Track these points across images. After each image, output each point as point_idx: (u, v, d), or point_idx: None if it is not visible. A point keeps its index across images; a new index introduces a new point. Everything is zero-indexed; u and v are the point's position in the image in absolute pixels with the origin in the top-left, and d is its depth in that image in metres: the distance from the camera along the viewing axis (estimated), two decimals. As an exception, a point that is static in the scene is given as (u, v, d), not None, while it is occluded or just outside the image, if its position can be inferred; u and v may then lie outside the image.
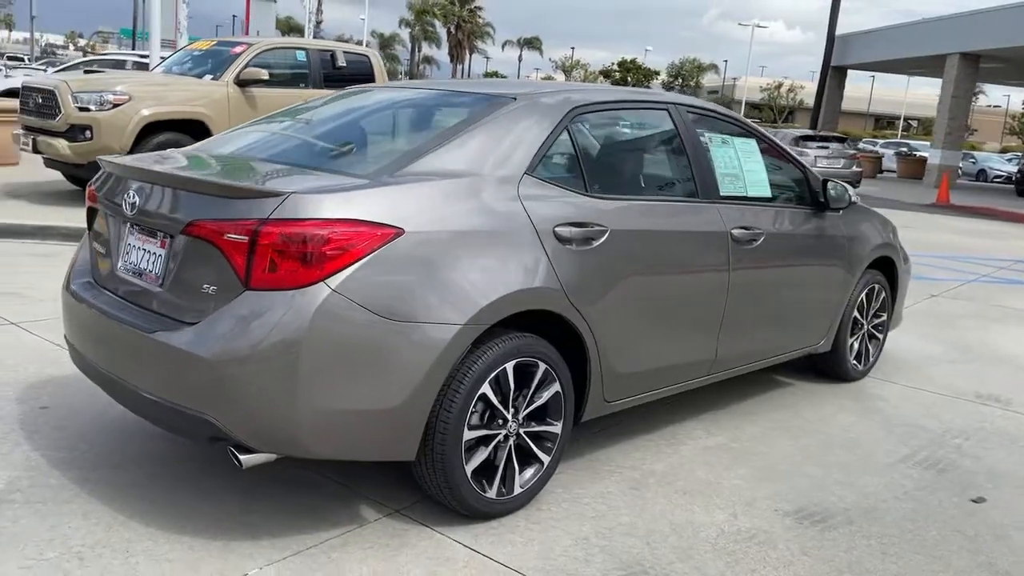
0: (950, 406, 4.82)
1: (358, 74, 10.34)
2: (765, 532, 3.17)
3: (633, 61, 47.26)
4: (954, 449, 4.16)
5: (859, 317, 4.99)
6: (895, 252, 5.18)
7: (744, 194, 4.09)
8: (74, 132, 8.52)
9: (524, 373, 3.06)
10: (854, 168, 21.37)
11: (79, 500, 2.99)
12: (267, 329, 2.53)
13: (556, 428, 3.22)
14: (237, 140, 3.59)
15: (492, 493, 3.03)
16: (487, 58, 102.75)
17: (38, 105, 8.91)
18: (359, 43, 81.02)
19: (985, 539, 3.25)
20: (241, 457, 2.64)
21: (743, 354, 4.17)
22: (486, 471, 3.02)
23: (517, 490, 3.12)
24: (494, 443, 3.02)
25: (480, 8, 73.50)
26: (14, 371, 4.18)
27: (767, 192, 4.27)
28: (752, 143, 4.30)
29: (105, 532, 2.79)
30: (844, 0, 35.20)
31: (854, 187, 21.37)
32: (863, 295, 4.95)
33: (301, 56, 10.01)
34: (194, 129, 8.81)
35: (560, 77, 76.76)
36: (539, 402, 3.14)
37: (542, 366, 3.10)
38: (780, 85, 69.21)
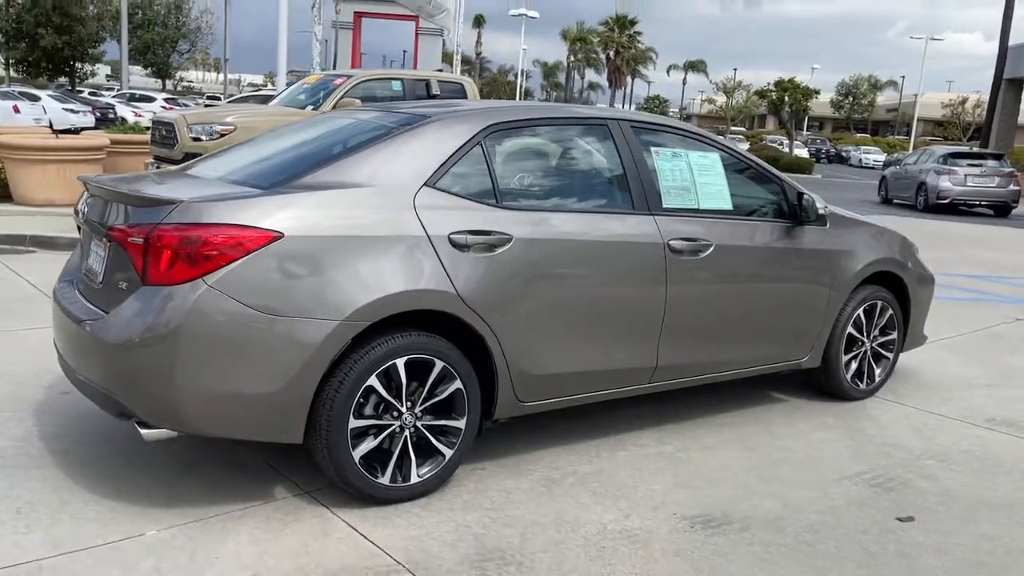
0: (948, 429, 4.59)
1: (454, 98, 10.88)
2: (648, 532, 3.24)
3: (791, 80, 45.72)
4: (918, 470, 4.00)
5: (856, 334, 4.85)
6: (902, 268, 4.99)
7: (695, 206, 4.14)
8: (188, 160, 9.49)
9: (420, 369, 3.30)
10: (1011, 187, 19.82)
11: (46, 467, 3.50)
12: (153, 318, 2.93)
13: (459, 424, 3.44)
14: (213, 160, 4.05)
15: (385, 480, 3.28)
16: (648, 82, 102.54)
17: (163, 136, 9.99)
18: (520, 72, 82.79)
19: (885, 556, 3.17)
20: (142, 431, 3.04)
21: (699, 364, 4.20)
22: (380, 458, 3.28)
23: (415, 479, 3.35)
24: (387, 433, 3.27)
25: (639, 33, 73.57)
26: (54, 362, 4.84)
27: (726, 204, 4.29)
28: (714, 156, 4.34)
29: (51, 494, 3.26)
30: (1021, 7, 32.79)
31: (1011, 207, 19.87)
32: (860, 312, 4.82)
33: (396, 86, 10.65)
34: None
35: (721, 99, 75.40)
36: (439, 398, 3.37)
37: (439, 363, 3.33)
38: (964, 100, 64.74)
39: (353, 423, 3.18)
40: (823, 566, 3.07)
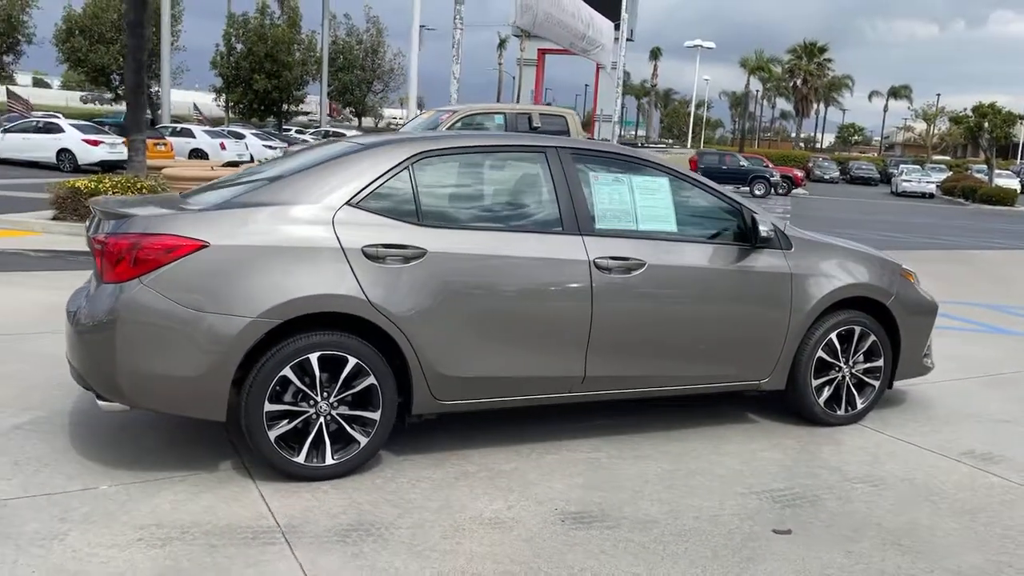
0: (907, 458, 4.51)
1: (554, 132, 11.40)
2: (517, 521, 3.55)
3: (991, 105, 42.42)
4: (839, 492, 4.01)
5: (829, 359, 4.84)
6: (884, 295, 4.93)
7: (633, 228, 4.39)
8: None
9: (334, 365, 3.80)
10: None
11: (59, 435, 4.28)
12: (101, 310, 3.62)
13: (374, 415, 3.90)
14: (211, 189, 4.71)
15: (300, 459, 3.80)
16: (843, 110, 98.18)
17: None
18: (701, 103, 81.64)
19: (729, 560, 3.30)
20: (100, 403, 3.74)
21: (637, 378, 4.41)
22: (299, 440, 3.80)
23: (329, 461, 3.85)
24: (303, 418, 3.79)
25: (830, 60, 70.88)
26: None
27: (669, 227, 4.50)
28: (661, 181, 4.57)
29: (48, 452, 4.03)
30: None
31: None
32: (833, 336, 4.82)
33: (499, 119, 11.31)
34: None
35: (920, 126, 71.04)
36: (354, 391, 3.85)
37: (352, 360, 3.82)
38: None
39: (268, 407, 3.72)
40: (656, 561, 3.26)
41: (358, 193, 3.93)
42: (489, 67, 76.37)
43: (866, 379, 5.00)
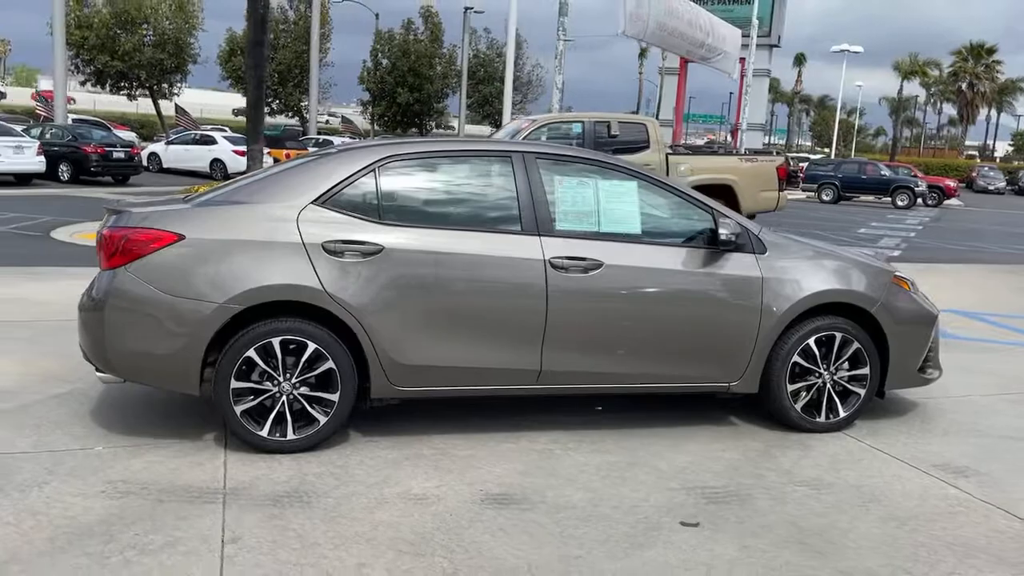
0: (868, 466, 4.44)
1: (633, 140, 11.54)
2: (439, 499, 3.81)
3: None
4: (775, 493, 4.03)
5: (807, 364, 4.81)
6: (868, 302, 4.84)
7: (594, 230, 4.57)
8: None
9: (295, 349, 4.20)
10: None
11: (85, 403, 4.88)
12: (95, 294, 4.17)
13: (333, 397, 4.27)
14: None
15: (264, 432, 4.22)
16: (1017, 116, 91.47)
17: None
18: (853, 110, 78.06)
19: (616, 545, 3.44)
20: (97, 374, 4.30)
21: (596, 374, 4.57)
22: (263, 415, 4.22)
23: (291, 436, 4.25)
24: (267, 396, 4.21)
25: (999, 62, 66.14)
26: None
27: (633, 229, 4.64)
28: (629, 185, 4.72)
29: (68, 417, 4.63)
30: None
31: None
32: (810, 342, 4.79)
33: (577, 128, 11.52)
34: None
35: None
36: (314, 373, 4.23)
37: (312, 345, 4.21)
38: None
39: (235, 384, 4.16)
40: (546, 541, 3.44)
41: (324, 193, 4.32)
42: (636, 76, 76.24)
43: (851, 387, 4.92)
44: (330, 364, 4.24)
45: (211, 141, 27.52)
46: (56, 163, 21.48)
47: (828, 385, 4.89)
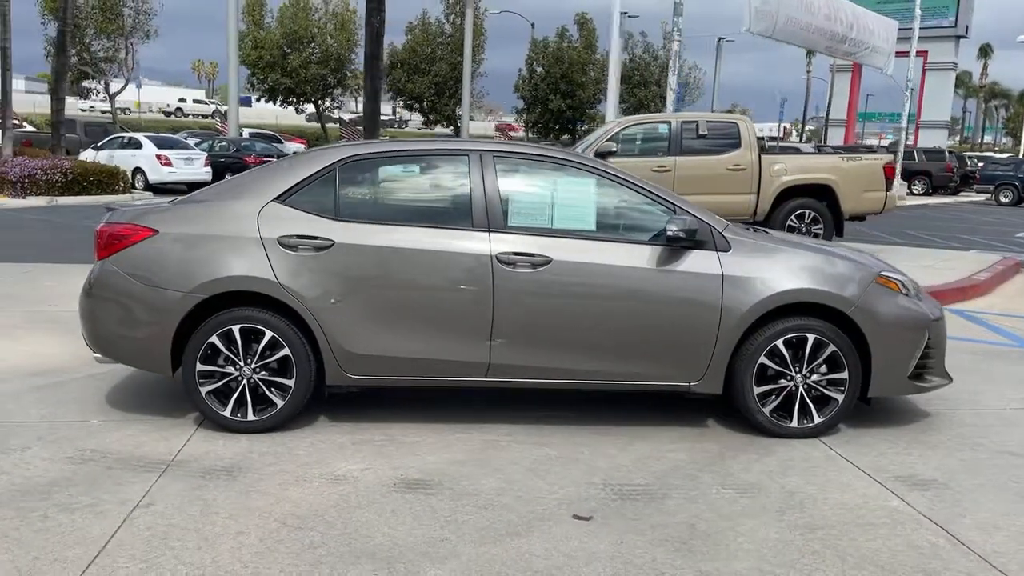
0: (826, 475, 4.21)
1: (723, 139, 11.26)
2: (354, 480, 4.00)
3: None
4: (696, 496, 3.93)
5: (774, 366, 4.62)
6: (841, 302, 4.58)
7: (546, 226, 4.61)
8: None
9: (254, 336, 4.53)
10: None
11: (109, 382, 5.44)
12: (87, 283, 4.67)
13: (289, 382, 4.56)
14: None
15: (227, 413, 4.56)
16: None
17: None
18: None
19: (494, 532, 3.50)
20: (93, 355, 4.80)
21: (547, 369, 4.60)
22: (227, 397, 4.57)
23: (251, 417, 4.57)
24: (229, 379, 4.56)
25: None
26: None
27: (587, 226, 4.65)
28: (587, 182, 4.73)
29: (89, 394, 5.18)
30: None
31: None
32: (779, 343, 4.60)
33: (663, 128, 11.35)
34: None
35: None
36: (271, 359, 4.54)
37: (269, 333, 4.52)
38: None
39: (200, 367, 4.53)
40: (429, 523, 3.55)
41: (285, 192, 4.62)
42: (812, 73, 72.95)
43: (828, 392, 4.68)
44: (286, 351, 4.53)
45: (136, 145, 23.51)
46: (221, 173, 23.32)
47: (801, 389, 4.67)
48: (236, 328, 4.51)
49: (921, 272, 10.25)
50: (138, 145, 23.43)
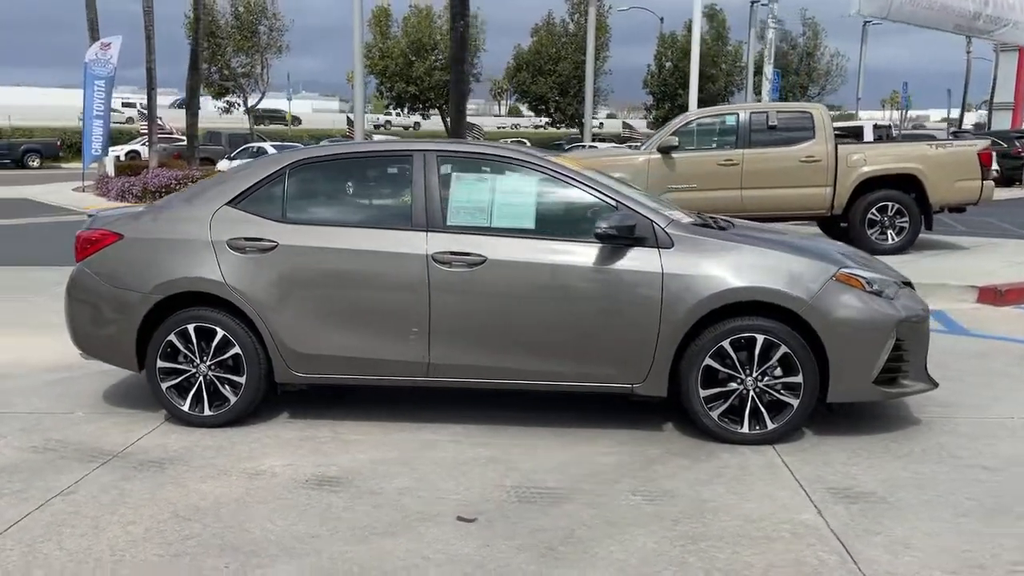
0: (752, 486, 3.96)
1: (796, 130, 10.74)
2: (273, 475, 4.11)
3: None
4: (600, 501, 3.80)
5: (724, 369, 4.39)
6: (792, 301, 4.29)
7: (485, 225, 4.57)
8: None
9: (207, 335, 4.73)
10: None
11: (116, 378, 5.83)
12: (65, 284, 5.02)
13: (240, 379, 4.74)
14: None
15: (186, 407, 4.79)
16: None
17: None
18: None
19: (373, 529, 3.53)
20: (79, 353, 5.15)
21: (487, 368, 4.55)
22: (185, 392, 4.80)
23: (207, 413, 4.78)
24: (187, 375, 4.78)
25: None
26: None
27: (527, 224, 4.56)
28: (530, 180, 4.65)
29: (93, 388, 5.56)
30: None
31: None
32: (726, 344, 4.36)
33: (731, 120, 10.93)
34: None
35: None
36: (224, 356, 4.74)
37: (220, 332, 4.71)
38: None
39: (160, 364, 4.78)
40: (312, 520, 3.61)
41: (237, 196, 4.80)
42: (974, 54, 67.78)
43: (783, 396, 4.39)
44: (237, 349, 4.70)
45: (264, 154, 24.47)
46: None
47: (752, 393, 4.41)
48: (191, 327, 4.73)
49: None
50: (265, 154, 24.77)
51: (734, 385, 4.42)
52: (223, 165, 25.54)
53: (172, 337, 4.74)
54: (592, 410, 4.97)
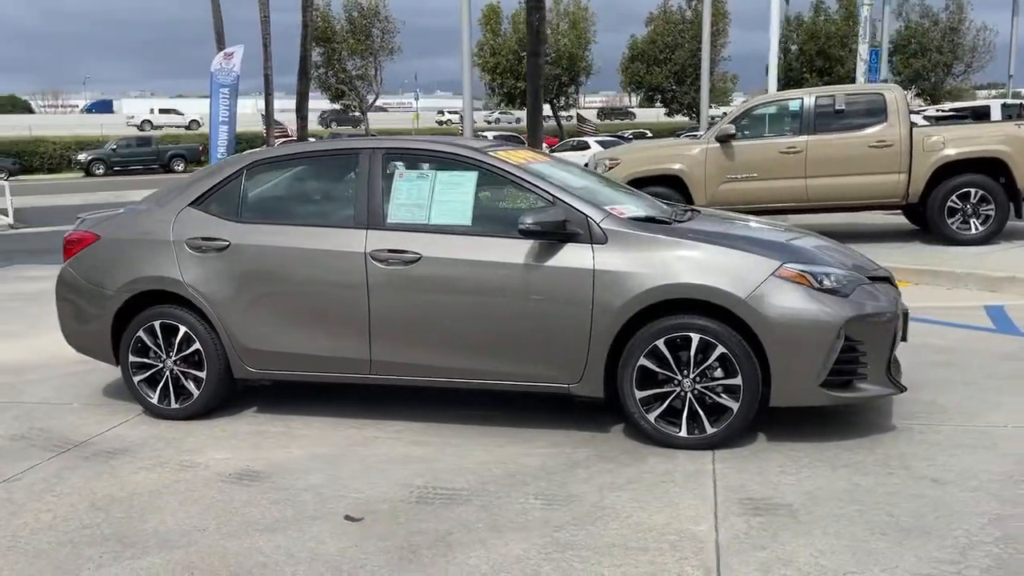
0: (664, 494, 3.76)
1: (866, 113, 10.13)
2: (205, 467, 4.25)
3: None
4: (498, 501, 3.71)
5: (659, 369, 4.18)
6: (726, 298, 4.04)
7: (423, 222, 4.54)
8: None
9: (172, 331, 4.93)
10: None
11: (105, 372, 6.14)
12: (56, 282, 5.34)
13: (202, 374, 4.91)
14: None
15: (155, 400, 5.01)
16: None
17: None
18: None
19: (256, 525, 3.58)
20: (72, 349, 5.48)
21: (427, 367, 4.53)
22: (155, 385, 5.02)
23: (174, 406, 4.98)
24: (155, 370, 5.00)
25: None
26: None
27: (464, 220, 4.50)
28: (469, 176, 4.57)
29: (93, 382, 5.92)
30: None
31: None
32: (660, 343, 4.16)
33: (794, 106, 10.37)
34: (677, 184, 10.44)
35: None
36: (187, 352, 4.92)
37: (183, 329, 4.90)
38: None
39: (132, 359, 5.02)
40: (210, 513, 3.70)
41: (199, 196, 4.97)
42: None
43: (723, 399, 4.14)
44: (198, 345, 4.88)
45: (585, 147, 27.34)
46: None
47: (690, 395, 4.18)
48: (157, 324, 4.93)
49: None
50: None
51: (671, 387, 4.21)
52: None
53: (141, 333, 4.96)
54: (546, 410, 4.85)
